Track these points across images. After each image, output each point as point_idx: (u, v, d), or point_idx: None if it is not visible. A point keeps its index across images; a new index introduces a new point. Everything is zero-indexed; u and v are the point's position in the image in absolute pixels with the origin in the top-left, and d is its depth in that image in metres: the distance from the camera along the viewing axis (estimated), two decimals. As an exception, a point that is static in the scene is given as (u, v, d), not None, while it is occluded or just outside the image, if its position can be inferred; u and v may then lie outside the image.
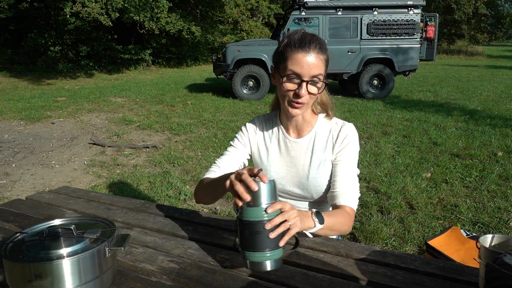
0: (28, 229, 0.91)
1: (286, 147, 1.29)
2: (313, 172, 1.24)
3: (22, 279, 0.78)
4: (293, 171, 1.28)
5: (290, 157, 1.28)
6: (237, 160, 1.32)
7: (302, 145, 1.27)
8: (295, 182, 1.27)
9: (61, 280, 0.77)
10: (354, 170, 1.24)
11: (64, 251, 0.79)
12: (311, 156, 1.26)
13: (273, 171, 1.29)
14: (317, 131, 1.27)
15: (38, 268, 0.76)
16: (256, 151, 1.34)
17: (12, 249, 0.82)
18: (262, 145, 1.33)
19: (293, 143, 1.28)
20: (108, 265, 0.85)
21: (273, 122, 1.34)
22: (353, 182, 1.22)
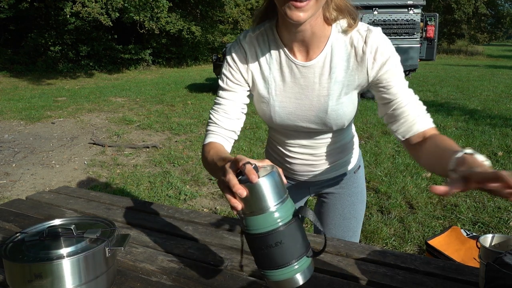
0: (28, 229, 0.91)
1: (292, 73, 0.96)
2: (332, 103, 0.96)
3: (22, 279, 0.78)
4: (306, 104, 0.98)
5: (300, 86, 0.97)
6: (236, 108, 0.99)
7: (314, 70, 0.94)
8: (309, 117, 0.99)
9: (61, 280, 0.77)
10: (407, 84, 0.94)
11: (64, 251, 0.79)
12: (329, 82, 0.94)
13: (277, 106, 1.00)
14: (333, 46, 0.92)
15: (38, 268, 0.77)
16: (253, 84, 1.01)
17: (12, 249, 0.82)
18: (259, 76, 0.99)
19: (301, 68, 0.95)
20: (108, 265, 0.85)
21: (269, 39, 0.97)
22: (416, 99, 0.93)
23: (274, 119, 1.02)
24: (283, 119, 1.01)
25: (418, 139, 0.91)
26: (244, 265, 0.96)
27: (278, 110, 1.00)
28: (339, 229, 1.25)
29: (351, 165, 1.22)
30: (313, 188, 1.25)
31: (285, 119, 1.01)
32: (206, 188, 3.50)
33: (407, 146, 0.95)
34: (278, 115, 1.01)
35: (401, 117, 0.92)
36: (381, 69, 0.91)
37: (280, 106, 1.00)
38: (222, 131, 0.99)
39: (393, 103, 0.92)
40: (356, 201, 1.25)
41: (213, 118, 1.00)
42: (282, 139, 1.12)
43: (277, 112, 1.00)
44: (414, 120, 0.91)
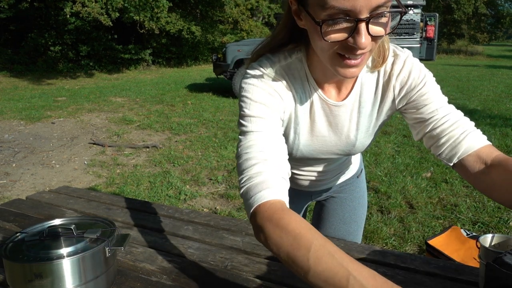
0: (28, 229, 0.91)
1: (323, 113, 0.87)
2: (361, 136, 0.91)
3: (22, 279, 0.78)
4: (333, 141, 0.92)
5: (329, 124, 0.89)
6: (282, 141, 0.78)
7: (346, 108, 0.87)
8: (334, 151, 0.95)
9: (61, 280, 0.77)
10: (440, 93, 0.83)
11: (64, 251, 0.80)
12: (359, 117, 0.88)
13: (302, 145, 0.91)
14: (363, 81, 0.85)
15: (38, 268, 0.77)
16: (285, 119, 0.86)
17: (12, 249, 0.83)
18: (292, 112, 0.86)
19: (333, 107, 0.86)
20: (108, 265, 0.85)
21: (300, 73, 0.83)
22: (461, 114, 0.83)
23: (295, 155, 0.94)
24: (304, 154, 0.94)
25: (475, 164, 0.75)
26: (244, 265, 0.96)
27: (301, 148, 0.92)
28: (339, 234, 1.25)
29: (354, 171, 1.22)
30: (316, 195, 1.25)
31: (306, 154, 0.95)
32: (206, 188, 3.50)
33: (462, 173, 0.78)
34: (300, 152, 0.93)
35: (441, 136, 0.79)
36: (409, 93, 0.82)
37: (304, 145, 0.91)
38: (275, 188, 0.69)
39: (430, 121, 0.80)
40: (357, 205, 1.25)
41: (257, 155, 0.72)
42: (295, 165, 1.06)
43: (299, 150, 0.92)
44: (459, 139, 0.77)
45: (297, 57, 0.83)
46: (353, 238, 1.26)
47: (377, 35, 0.65)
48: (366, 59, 0.69)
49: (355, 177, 1.23)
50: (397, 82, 0.83)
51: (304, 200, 1.26)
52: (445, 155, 0.79)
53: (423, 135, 0.83)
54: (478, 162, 0.75)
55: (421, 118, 0.82)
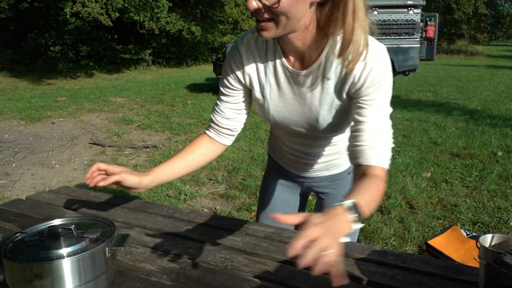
0: (28, 229, 0.91)
1: (286, 80, 0.97)
2: (324, 113, 0.96)
3: (22, 279, 0.78)
4: (298, 110, 1.00)
5: (293, 93, 0.98)
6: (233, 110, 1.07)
7: (307, 79, 0.95)
8: (301, 123, 1.02)
9: (61, 280, 0.77)
10: (386, 113, 0.89)
11: (64, 251, 0.80)
12: (321, 92, 0.94)
13: (272, 109, 1.03)
14: (328, 58, 0.91)
15: (38, 268, 0.77)
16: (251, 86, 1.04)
17: (12, 249, 0.83)
18: (256, 79, 1.01)
19: (295, 75, 0.95)
20: (108, 265, 0.85)
21: (268, 43, 0.97)
22: (384, 133, 0.89)
23: (269, 119, 1.07)
24: (276, 120, 1.06)
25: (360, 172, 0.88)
26: (244, 265, 0.96)
27: (272, 113, 1.04)
28: None
29: (345, 167, 1.24)
30: (308, 182, 1.28)
31: (278, 121, 1.06)
32: (206, 188, 3.50)
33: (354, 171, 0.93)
34: (272, 116, 1.05)
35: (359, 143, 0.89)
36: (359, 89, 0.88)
37: (274, 110, 1.03)
38: (217, 127, 1.09)
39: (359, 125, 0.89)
40: None
41: (212, 118, 1.10)
42: (279, 134, 1.19)
43: (271, 114, 1.04)
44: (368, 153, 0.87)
45: None
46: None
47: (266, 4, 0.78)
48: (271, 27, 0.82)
49: (346, 173, 1.26)
50: (356, 73, 0.88)
51: (297, 186, 1.32)
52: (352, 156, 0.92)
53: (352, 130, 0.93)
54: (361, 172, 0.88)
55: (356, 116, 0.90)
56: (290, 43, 0.90)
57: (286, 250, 0.59)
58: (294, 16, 0.81)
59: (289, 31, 0.85)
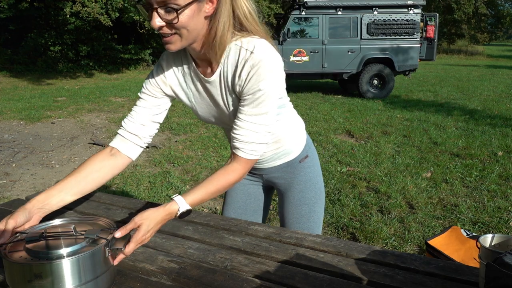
0: (28, 229, 0.91)
1: (202, 85, 1.11)
2: (234, 110, 1.08)
3: (22, 279, 0.78)
4: (218, 111, 1.13)
5: (210, 96, 1.11)
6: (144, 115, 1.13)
7: (215, 84, 1.07)
8: (222, 120, 1.15)
9: (61, 280, 0.77)
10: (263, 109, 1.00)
11: (64, 251, 0.80)
12: (227, 94, 1.07)
13: (199, 111, 1.17)
14: (227, 63, 1.03)
15: (38, 268, 0.77)
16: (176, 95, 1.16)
17: (12, 249, 0.83)
18: (179, 88, 1.14)
19: (205, 83, 1.08)
20: (108, 265, 0.85)
21: (182, 56, 1.12)
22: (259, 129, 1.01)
23: (201, 119, 1.19)
24: (206, 119, 1.19)
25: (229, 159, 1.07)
26: (244, 265, 0.96)
27: (200, 114, 1.17)
28: (292, 216, 1.33)
29: (294, 155, 1.29)
30: (266, 175, 1.35)
31: (207, 119, 1.19)
32: (206, 188, 3.50)
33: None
34: (201, 116, 1.18)
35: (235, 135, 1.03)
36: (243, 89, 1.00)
37: (200, 111, 1.16)
38: (125, 133, 1.13)
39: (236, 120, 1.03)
40: (304, 188, 1.32)
41: (121, 126, 1.15)
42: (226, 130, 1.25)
43: (200, 115, 1.18)
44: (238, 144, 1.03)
45: None
46: (306, 220, 1.32)
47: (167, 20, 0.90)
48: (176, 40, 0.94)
49: (297, 161, 1.30)
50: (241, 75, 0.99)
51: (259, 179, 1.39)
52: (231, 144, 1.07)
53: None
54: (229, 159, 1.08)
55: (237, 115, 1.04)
56: (195, 52, 1.03)
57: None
58: (193, 29, 0.94)
59: (191, 41, 0.97)
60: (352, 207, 2.98)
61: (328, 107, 7.21)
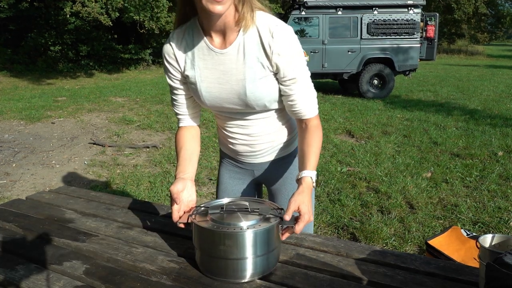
0: (206, 203, 1.05)
1: (212, 60, 1.09)
2: (249, 86, 1.07)
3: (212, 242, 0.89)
4: (227, 88, 1.10)
5: (220, 71, 1.09)
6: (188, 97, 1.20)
7: (230, 56, 1.06)
8: (232, 99, 1.12)
9: (243, 249, 0.88)
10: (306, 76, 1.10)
11: (245, 224, 0.89)
12: (244, 67, 1.06)
13: (204, 91, 1.12)
14: (246, 36, 1.04)
15: (227, 236, 0.87)
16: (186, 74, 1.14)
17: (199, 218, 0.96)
18: (188, 64, 1.12)
19: (219, 55, 1.07)
20: (278, 242, 0.95)
21: (193, 31, 1.09)
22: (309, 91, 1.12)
23: (203, 102, 1.15)
24: (210, 102, 1.14)
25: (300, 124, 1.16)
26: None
27: (204, 94, 1.13)
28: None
29: (289, 150, 1.29)
30: (258, 171, 1.32)
31: (212, 102, 1.14)
32: (206, 188, 3.50)
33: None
34: (205, 98, 1.14)
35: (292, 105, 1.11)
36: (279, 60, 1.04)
37: (206, 91, 1.12)
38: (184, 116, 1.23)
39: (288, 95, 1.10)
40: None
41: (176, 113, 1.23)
42: (221, 121, 1.26)
43: (204, 96, 1.13)
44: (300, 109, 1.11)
45: (194, 19, 1.10)
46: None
47: None
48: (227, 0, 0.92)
49: (292, 157, 1.30)
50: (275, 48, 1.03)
51: (249, 177, 1.36)
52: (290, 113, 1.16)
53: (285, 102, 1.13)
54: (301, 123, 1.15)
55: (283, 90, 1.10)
56: (217, 21, 1.01)
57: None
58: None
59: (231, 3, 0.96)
60: (352, 207, 2.98)
61: (328, 107, 7.21)
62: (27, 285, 0.89)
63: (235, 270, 0.88)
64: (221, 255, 0.88)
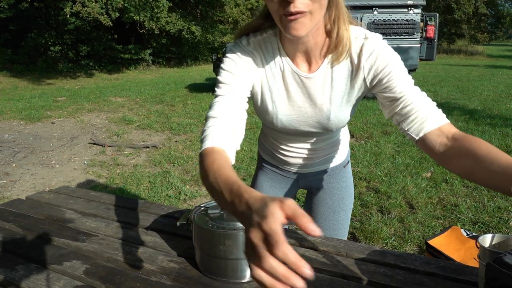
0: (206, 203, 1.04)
1: (295, 84, 0.96)
2: (335, 110, 0.97)
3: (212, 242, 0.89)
4: (308, 112, 0.99)
5: (303, 95, 0.97)
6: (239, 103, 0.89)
7: (316, 80, 0.94)
8: (311, 123, 1.01)
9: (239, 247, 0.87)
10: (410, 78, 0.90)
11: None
12: (331, 91, 0.95)
13: (280, 114, 0.99)
14: (331, 58, 0.92)
15: (229, 235, 0.87)
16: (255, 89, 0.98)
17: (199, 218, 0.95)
18: (264, 82, 0.97)
19: (304, 79, 0.94)
20: None
21: (272, 47, 0.94)
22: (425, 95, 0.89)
23: (276, 125, 1.03)
24: (284, 125, 1.03)
25: (438, 138, 0.83)
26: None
27: (280, 117, 1.01)
28: (329, 222, 1.28)
29: (341, 159, 1.25)
30: (303, 180, 1.27)
31: (287, 125, 1.03)
32: (206, 188, 3.50)
33: (424, 147, 0.86)
34: (280, 121, 1.02)
35: (411, 114, 0.86)
36: (378, 74, 0.89)
37: (282, 114, 1.00)
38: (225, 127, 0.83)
39: (400, 101, 0.87)
40: (344, 194, 1.28)
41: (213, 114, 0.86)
42: (279, 136, 1.15)
43: (279, 119, 1.01)
44: (426, 116, 0.84)
45: (272, 32, 0.94)
46: (342, 227, 1.29)
47: None
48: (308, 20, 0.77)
49: (342, 166, 1.26)
50: (366, 64, 0.90)
51: (292, 185, 1.29)
52: (412, 131, 0.86)
53: (394, 113, 0.90)
54: (440, 136, 0.83)
55: (392, 97, 0.89)
56: (302, 43, 0.88)
57: None
58: (323, 6, 0.79)
59: (315, 25, 0.81)
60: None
61: (328, 107, 7.21)
62: (27, 285, 0.89)
63: (235, 270, 0.88)
64: (221, 255, 0.88)
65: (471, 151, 0.76)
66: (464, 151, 0.77)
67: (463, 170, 0.78)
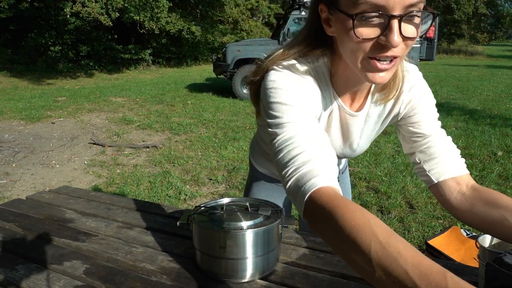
0: (206, 203, 1.02)
1: (339, 120, 0.90)
2: (362, 144, 0.96)
3: (213, 243, 0.89)
4: (338, 145, 0.95)
5: (341, 130, 0.92)
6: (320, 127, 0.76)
7: (359, 118, 0.90)
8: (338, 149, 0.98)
9: (243, 248, 0.87)
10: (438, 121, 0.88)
11: (245, 224, 0.89)
12: (363, 126, 0.92)
13: None
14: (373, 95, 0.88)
15: (229, 236, 0.87)
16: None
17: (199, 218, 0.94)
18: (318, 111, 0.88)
19: (349, 116, 0.89)
20: (279, 241, 0.94)
21: (325, 78, 0.83)
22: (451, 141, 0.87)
23: None
24: None
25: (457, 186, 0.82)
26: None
27: None
28: None
29: (340, 166, 1.25)
30: None
31: None
32: (206, 188, 3.50)
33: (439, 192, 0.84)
34: None
35: (436, 156, 0.84)
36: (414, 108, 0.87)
37: None
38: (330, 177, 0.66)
39: (428, 139, 0.85)
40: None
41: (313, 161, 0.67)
42: None
43: None
44: (451, 161, 0.83)
45: (324, 62, 0.82)
46: None
47: (409, 36, 0.64)
48: (396, 65, 0.68)
49: (340, 173, 1.27)
50: (406, 97, 0.87)
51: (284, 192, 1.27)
52: (435, 173, 0.84)
53: (417, 151, 0.88)
54: (459, 185, 0.83)
55: (419, 133, 0.87)
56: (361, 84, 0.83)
57: None
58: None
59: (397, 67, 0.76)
60: (352, 207, 2.98)
61: (328, 107, 7.22)
62: (27, 285, 0.89)
63: (235, 270, 0.88)
64: (221, 255, 0.88)
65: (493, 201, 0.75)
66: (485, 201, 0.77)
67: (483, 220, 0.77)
